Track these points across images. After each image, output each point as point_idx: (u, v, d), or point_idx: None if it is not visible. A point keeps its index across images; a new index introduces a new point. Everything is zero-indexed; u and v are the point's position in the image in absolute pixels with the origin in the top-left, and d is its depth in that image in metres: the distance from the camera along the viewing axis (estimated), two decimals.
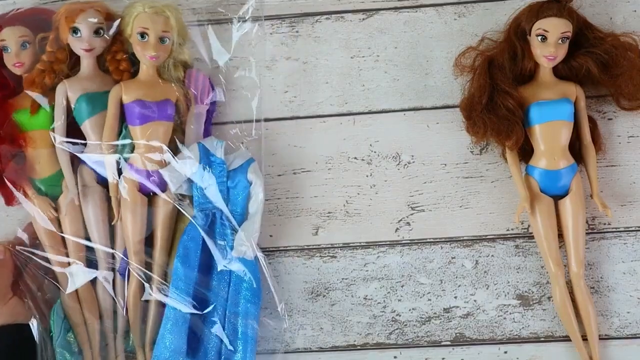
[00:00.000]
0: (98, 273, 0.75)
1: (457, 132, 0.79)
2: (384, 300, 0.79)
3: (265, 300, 0.77)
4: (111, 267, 0.76)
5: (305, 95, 0.81)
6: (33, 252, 0.75)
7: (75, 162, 0.75)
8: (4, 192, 0.76)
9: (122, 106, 0.75)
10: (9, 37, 0.75)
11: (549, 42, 0.72)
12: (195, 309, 0.74)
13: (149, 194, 0.76)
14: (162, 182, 0.75)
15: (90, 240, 0.76)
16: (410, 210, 0.79)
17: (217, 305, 0.75)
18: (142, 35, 0.73)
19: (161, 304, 0.75)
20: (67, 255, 0.76)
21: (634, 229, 0.77)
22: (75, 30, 0.73)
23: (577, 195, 0.74)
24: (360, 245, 0.79)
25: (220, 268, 0.75)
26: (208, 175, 0.75)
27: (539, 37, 0.72)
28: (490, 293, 0.78)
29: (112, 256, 0.76)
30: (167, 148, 0.74)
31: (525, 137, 0.74)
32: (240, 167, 0.76)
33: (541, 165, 0.74)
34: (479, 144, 0.79)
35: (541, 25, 0.72)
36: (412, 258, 0.79)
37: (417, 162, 0.79)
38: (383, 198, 0.79)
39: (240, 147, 0.79)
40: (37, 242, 0.76)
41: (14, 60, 0.75)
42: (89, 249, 0.76)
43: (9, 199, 0.76)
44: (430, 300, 0.78)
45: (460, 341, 0.78)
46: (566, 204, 0.74)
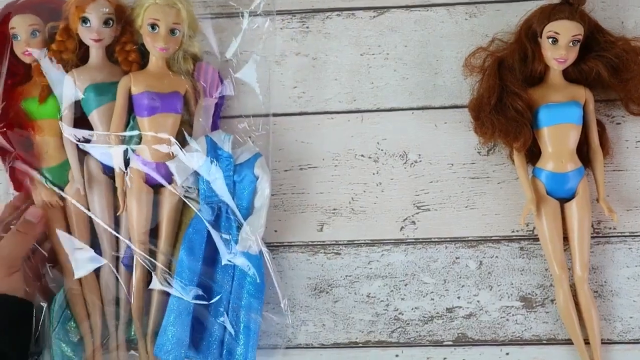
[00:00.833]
0: (104, 260, 0.75)
1: (465, 132, 0.79)
2: (387, 299, 0.79)
3: (268, 295, 0.76)
4: (116, 256, 0.76)
5: (313, 92, 0.81)
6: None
7: (82, 153, 0.75)
8: (14, 178, 0.76)
9: (131, 97, 0.74)
10: (19, 25, 0.74)
11: (559, 44, 0.72)
12: (199, 300, 0.74)
13: (155, 186, 0.76)
14: (168, 174, 0.75)
15: (94, 231, 0.76)
16: (416, 209, 0.79)
17: (222, 297, 0.75)
18: (153, 26, 0.73)
19: (165, 294, 0.75)
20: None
21: (639, 234, 0.77)
22: (85, 20, 0.73)
23: (584, 199, 0.74)
24: (364, 243, 0.79)
25: (225, 262, 0.74)
26: (215, 169, 0.75)
27: (550, 40, 0.72)
28: (493, 294, 0.78)
29: (117, 246, 0.76)
30: (174, 140, 0.74)
31: (533, 139, 0.74)
32: (247, 161, 0.76)
33: (548, 167, 0.74)
34: (487, 145, 0.79)
35: (552, 27, 0.72)
36: (417, 257, 0.79)
37: (424, 161, 0.79)
38: (389, 196, 0.79)
39: (248, 141, 0.78)
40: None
41: (23, 48, 0.75)
42: (93, 239, 0.76)
43: (19, 186, 0.76)
44: (433, 299, 0.78)
45: (462, 341, 0.78)
46: (572, 207, 0.74)
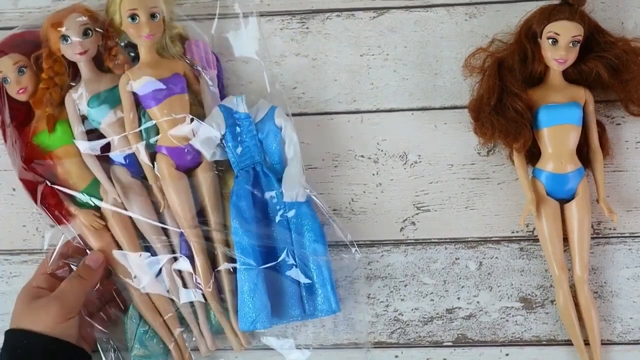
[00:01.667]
0: (164, 259, 0.76)
1: (464, 133, 0.79)
2: (387, 299, 0.79)
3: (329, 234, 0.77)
4: (172, 254, 0.76)
5: (313, 92, 0.81)
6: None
7: (105, 167, 0.75)
8: (52, 214, 0.75)
9: (134, 94, 0.74)
10: (4, 67, 0.74)
11: (559, 45, 0.72)
12: (265, 263, 0.74)
13: (187, 170, 0.76)
14: (197, 153, 0.75)
15: (143, 237, 0.76)
16: (416, 210, 0.79)
17: (287, 252, 0.75)
18: (133, 17, 0.72)
19: (233, 271, 0.75)
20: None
21: (639, 235, 0.77)
22: (65, 38, 0.73)
23: (583, 200, 0.74)
24: (364, 244, 0.79)
25: (278, 219, 0.75)
26: (237, 134, 0.75)
27: (550, 40, 0.72)
28: (493, 295, 0.78)
29: (170, 243, 0.77)
30: (190, 116, 0.74)
31: (533, 140, 0.74)
32: (265, 116, 0.76)
33: (548, 168, 0.74)
34: (487, 146, 0.79)
35: (552, 28, 0.72)
36: (416, 258, 0.79)
37: (423, 162, 0.79)
38: (389, 197, 0.79)
39: (260, 100, 0.78)
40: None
41: (15, 88, 0.74)
42: (146, 245, 0.77)
43: (58, 221, 0.76)
44: (433, 300, 0.78)
45: (462, 342, 0.78)
46: (572, 208, 0.74)
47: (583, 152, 0.75)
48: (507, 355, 0.77)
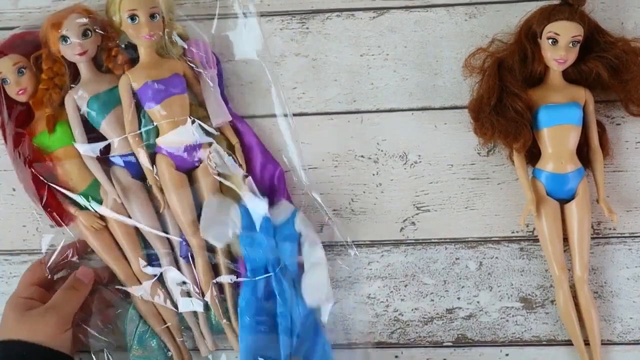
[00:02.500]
0: (165, 263, 0.76)
1: (464, 133, 0.79)
2: (387, 300, 0.79)
3: None
4: (172, 256, 0.76)
5: (313, 92, 0.81)
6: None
7: (105, 168, 0.75)
8: (52, 217, 0.75)
9: (135, 94, 0.74)
10: (4, 69, 0.74)
11: (559, 45, 0.72)
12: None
13: (187, 172, 0.76)
14: (195, 156, 0.75)
15: (143, 238, 0.76)
16: (416, 210, 0.79)
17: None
18: (132, 17, 0.72)
19: (231, 271, 0.76)
20: (128, 261, 0.77)
21: (639, 234, 0.77)
22: (64, 39, 0.73)
23: (584, 200, 0.74)
24: (364, 244, 0.79)
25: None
26: (254, 234, 0.74)
27: (550, 40, 0.72)
28: (493, 295, 0.78)
29: (171, 245, 0.77)
30: (191, 118, 0.74)
31: (533, 140, 0.74)
32: (286, 220, 0.75)
33: (548, 168, 0.74)
34: (487, 146, 0.79)
35: (552, 28, 0.72)
36: (416, 258, 0.79)
37: (423, 162, 0.79)
38: (389, 197, 0.79)
39: (281, 201, 0.77)
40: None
41: (15, 89, 0.74)
42: (146, 246, 0.77)
43: (58, 223, 0.76)
44: (433, 300, 0.78)
45: (462, 342, 0.78)
46: (572, 208, 0.74)
47: (583, 152, 0.75)
48: (507, 355, 0.77)
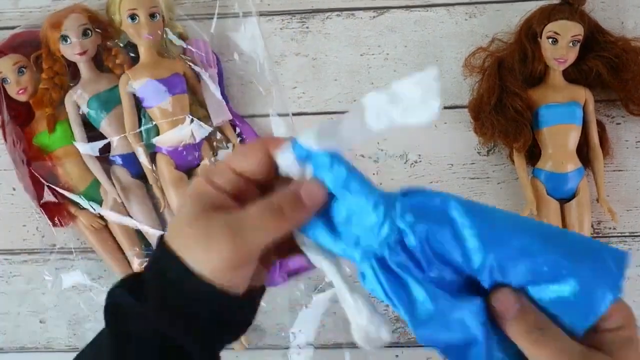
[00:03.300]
0: None
1: (464, 132, 0.79)
2: None
3: None
4: None
5: (313, 92, 0.81)
6: None
7: (105, 167, 0.75)
8: (49, 216, 0.75)
9: (134, 94, 0.74)
10: (4, 68, 0.74)
11: (559, 45, 0.72)
12: None
13: (187, 171, 0.76)
14: (196, 154, 0.75)
15: (143, 237, 0.76)
16: None
17: None
18: (132, 17, 0.73)
19: None
20: (127, 260, 0.76)
21: (639, 234, 0.77)
22: (64, 38, 0.73)
23: (584, 199, 0.74)
24: None
25: None
26: None
27: (550, 40, 0.72)
28: None
29: None
30: (191, 117, 0.74)
31: (533, 140, 0.74)
32: None
33: (548, 168, 0.74)
34: (487, 145, 0.79)
35: (552, 27, 0.72)
36: None
37: (424, 162, 0.79)
38: None
39: None
40: None
41: (15, 88, 0.74)
42: (146, 246, 0.77)
43: (55, 224, 0.76)
44: None
45: None
46: (572, 207, 0.74)
47: (583, 152, 0.75)
48: None
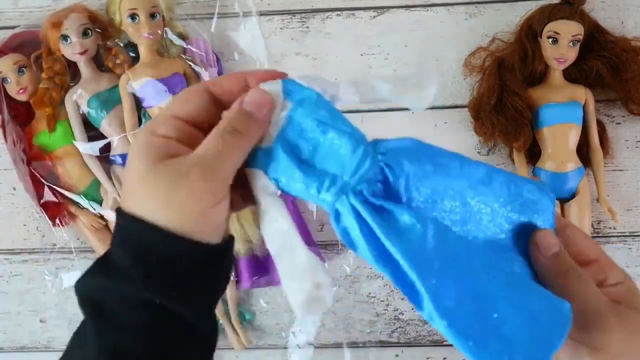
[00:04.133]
0: None
1: (465, 132, 0.79)
2: (387, 299, 0.79)
3: None
4: None
5: None
6: None
7: (105, 167, 0.75)
8: (49, 216, 0.75)
9: (134, 94, 0.74)
10: (4, 67, 0.74)
11: (560, 44, 0.72)
12: None
13: None
14: None
15: None
16: None
17: None
18: (132, 17, 0.73)
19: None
20: None
21: (639, 234, 0.77)
22: (64, 38, 0.73)
23: (584, 199, 0.74)
24: None
25: None
26: None
27: (550, 40, 0.72)
28: None
29: None
30: None
31: (533, 139, 0.74)
32: None
33: (548, 167, 0.74)
34: (487, 145, 0.79)
35: (552, 27, 0.72)
36: None
37: None
38: None
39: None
40: None
41: (15, 88, 0.74)
42: None
43: (60, 224, 0.76)
44: None
45: None
46: (572, 207, 0.74)
47: (583, 151, 0.75)
48: None
